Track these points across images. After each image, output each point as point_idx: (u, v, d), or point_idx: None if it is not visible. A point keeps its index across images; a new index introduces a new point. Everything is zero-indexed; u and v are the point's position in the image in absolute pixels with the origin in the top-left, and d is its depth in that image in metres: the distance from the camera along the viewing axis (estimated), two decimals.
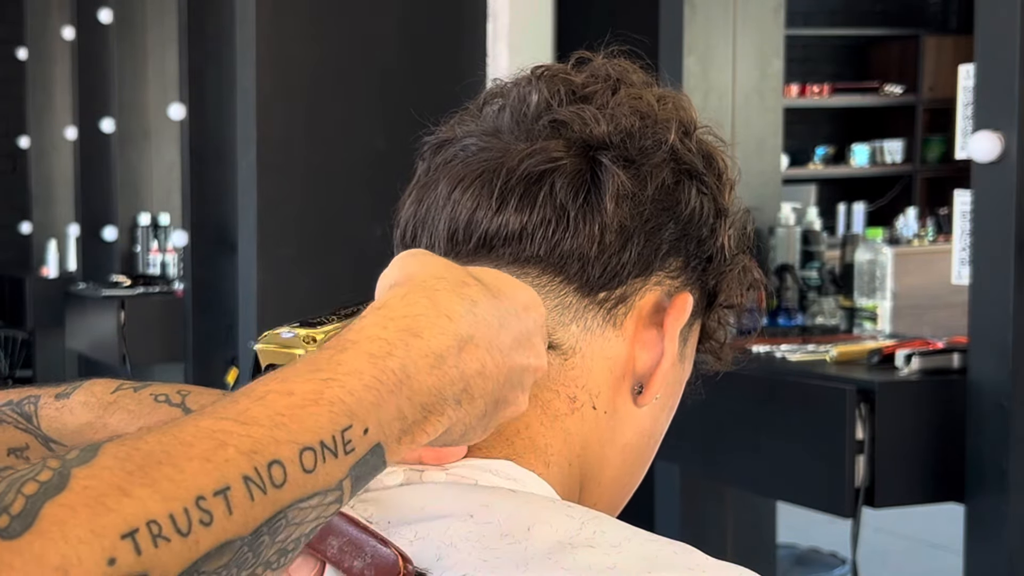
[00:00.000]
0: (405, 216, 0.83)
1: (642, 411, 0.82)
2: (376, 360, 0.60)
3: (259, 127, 2.97)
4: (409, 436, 0.61)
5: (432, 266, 0.68)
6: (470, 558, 0.69)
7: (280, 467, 0.54)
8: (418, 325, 0.63)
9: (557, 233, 0.78)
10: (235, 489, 0.52)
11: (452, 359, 0.63)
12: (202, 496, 0.51)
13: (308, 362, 0.59)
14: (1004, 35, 2.12)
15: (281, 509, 0.54)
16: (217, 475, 0.52)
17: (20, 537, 0.47)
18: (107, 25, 5.19)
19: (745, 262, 0.86)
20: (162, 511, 0.50)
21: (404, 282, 0.66)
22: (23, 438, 0.88)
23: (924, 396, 2.30)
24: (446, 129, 0.85)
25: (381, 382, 0.59)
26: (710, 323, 0.86)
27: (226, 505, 0.51)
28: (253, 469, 0.53)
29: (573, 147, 0.79)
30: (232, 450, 0.53)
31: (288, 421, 0.55)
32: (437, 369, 0.62)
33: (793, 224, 3.12)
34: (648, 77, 0.85)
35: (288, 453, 0.54)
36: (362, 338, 0.61)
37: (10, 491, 0.49)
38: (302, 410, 0.56)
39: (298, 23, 3.03)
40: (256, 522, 0.53)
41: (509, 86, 0.84)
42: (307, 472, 0.55)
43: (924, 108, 7.32)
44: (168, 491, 0.50)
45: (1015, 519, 2.11)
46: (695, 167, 0.81)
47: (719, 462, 2.67)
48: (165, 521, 0.49)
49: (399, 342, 0.61)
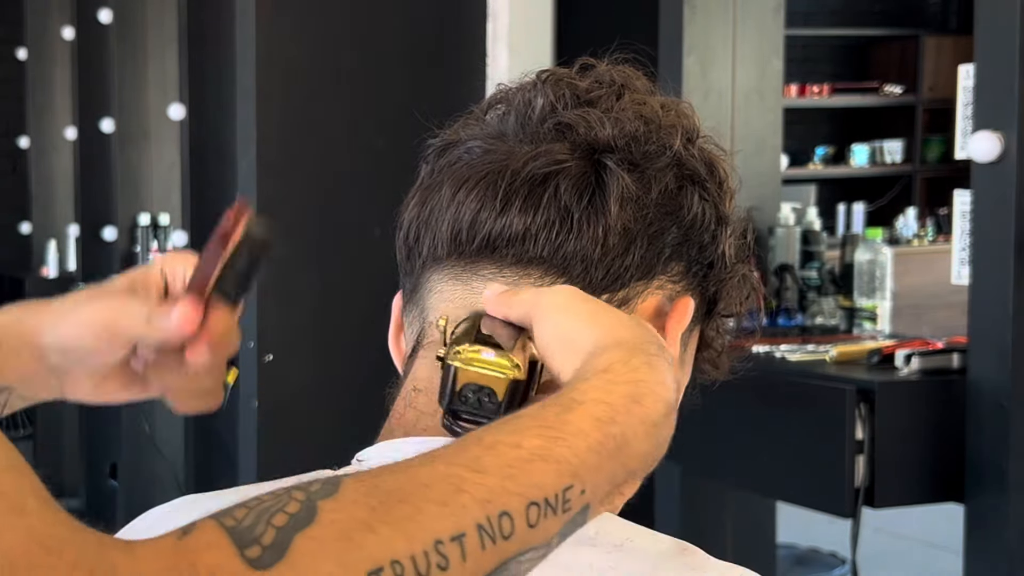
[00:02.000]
0: (408, 218, 0.84)
1: None
2: (601, 424, 0.61)
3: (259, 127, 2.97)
4: (610, 499, 0.63)
5: (633, 326, 0.69)
6: None
7: (509, 519, 0.54)
8: (640, 392, 0.63)
9: (561, 235, 0.78)
10: (470, 536, 0.53)
11: (663, 427, 0.64)
12: (440, 540, 0.51)
13: (534, 417, 0.60)
14: (1004, 35, 2.12)
15: (505, 560, 0.54)
16: (454, 520, 0.52)
17: (272, 568, 0.48)
18: (107, 25, 5.18)
19: (744, 271, 0.86)
20: (405, 552, 0.50)
21: (613, 345, 0.66)
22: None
23: (924, 396, 2.30)
24: (450, 133, 0.85)
25: (604, 446, 0.60)
26: (709, 331, 0.86)
27: (461, 552, 0.52)
28: (486, 518, 0.53)
29: (578, 150, 0.80)
30: (468, 497, 0.53)
31: (518, 474, 0.56)
32: (652, 438, 0.63)
33: (793, 224, 3.12)
34: (651, 84, 0.86)
35: (517, 506, 0.55)
36: (588, 400, 0.62)
37: (259, 522, 0.49)
38: (530, 464, 0.57)
39: (298, 23, 3.02)
40: (483, 571, 0.53)
41: (514, 91, 0.85)
42: (531, 527, 0.56)
43: (924, 108, 7.31)
44: (410, 532, 0.51)
45: (1015, 519, 2.11)
46: (698, 173, 0.82)
47: (719, 462, 2.67)
48: (407, 562, 0.50)
49: (623, 408, 0.62)
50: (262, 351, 2.87)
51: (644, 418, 0.63)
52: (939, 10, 7.56)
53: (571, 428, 0.59)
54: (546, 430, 0.59)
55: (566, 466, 0.58)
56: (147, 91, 5.24)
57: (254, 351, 2.86)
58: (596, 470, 0.59)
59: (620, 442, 0.61)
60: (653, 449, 0.64)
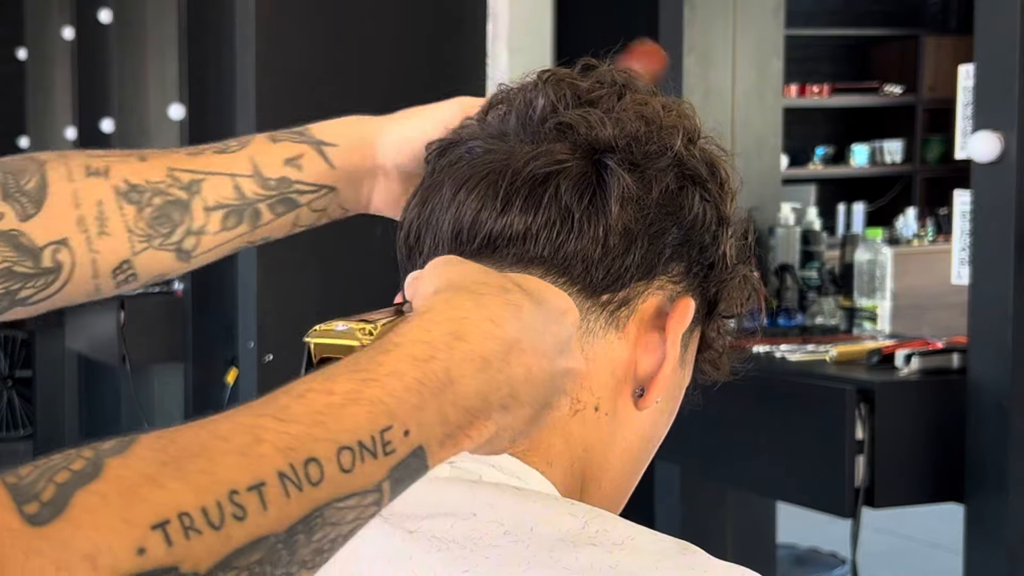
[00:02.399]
0: (409, 217, 0.84)
1: (642, 415, 0.82)
2: (419, 363, 0.60)
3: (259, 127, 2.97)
4: (452, 441, 0.60)
5: (474, 272, 0.68)
6: (472, 555, 0.69)
7: (317, 465, 0.53)
8: (463, 329, 0.62)
9: (561, 235, 0.78)
10: (270, 485, 0.52)
11: (498, 364, 0.63)
12: (235, 490, 0.50)
13: (349, 362, 0.59)
14: (1004, 35, 2.12)
15: (317, 508, 0.53)
16: (252, 470, 0.51)
17: (49, 524, 0.47)
18: (107, 25, 5.18)
19: (745, 272, 0.86)
20: (194, 504, 0.49)
21: (446, 288, 0.66)
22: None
23: (924, 396, 2.30)
24: (451, 133, 0.85)
25: (423, 384, 0.59)
26: (709, 332, 0.86)
27: (260, 501, 0.51)
28: (289, 466, 0.52)
29: (579, 150, 0.79)
30: (268, 446, 0.52)
31: (327, 420, 0.55)
32: (482, 373, 0.62)
33: (793, 224, 3.12)
34: (653, 85, 0.85)
35: (325, 452, 0.54)
36: (405, 341, 0.61)
37: (41, 479, 0.48)
38: (341, 409, 0.56)
39: (298, 23, 3.03)
40: (291, 520, 0.52)
41: (515, 91, 0.85)
42: (345, 472, 0.54)
43: (924, 108, 7.32)
44: (201, 484, 0.50)
45: (1015, 519, 2.11)
46: (699, 174, 0.82)
47: (719, 462, 2.67)
48: (197, 514, 0.49)
49: (443, 345, 0.61)
50: (262, 351, 2.87)
51: (470, 354, 0.61)
52: (939, 10, 7.56)
53: (385, 369, 0.58)
54: (358, 373, 0.58)
55: (380, 407, 0.56)
56: (147, 91, 5.24)
57: (254, 351, 2.86)
58: (418, 409, 0.58)
59: (443, 379, 0.60)
60: (488, 388, 0.62)
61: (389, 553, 0.70)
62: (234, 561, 0.50)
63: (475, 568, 0.68)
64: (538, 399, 0.66)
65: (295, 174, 0.94)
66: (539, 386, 0.66)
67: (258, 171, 0.93)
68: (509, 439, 0.66)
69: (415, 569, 0.69)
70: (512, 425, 0.65)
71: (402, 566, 0.69)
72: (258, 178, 0.93)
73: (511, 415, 0.64)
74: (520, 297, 0.66)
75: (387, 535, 0.71)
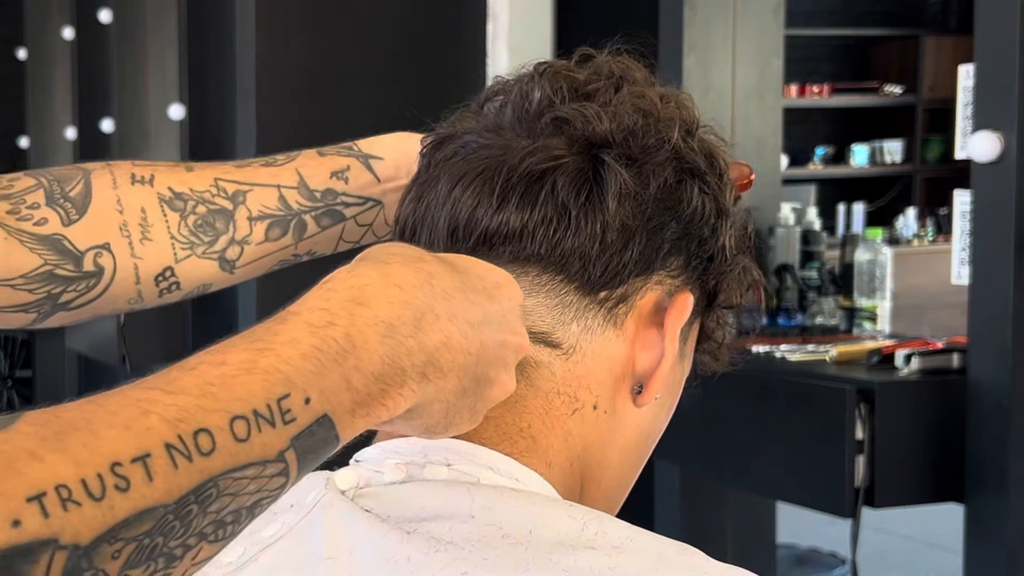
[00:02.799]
0: (405, 213, 0.83)
1: (642, 411, 0.81)
2: (316, 329, 0.58)
3: (259, 127, 2.97)
4: (365, 409, 0.59)
5: (388, 246, 0.67)
6: (471, 556, 0.69)
7: (208, 435, 0.52)
8: (364, 295, 0.61)
9: (558, 232, 0.77)
10: (156, 456, 0.51)
11: (406, 329, 0.61)
12: (118, 462, 0.50)
13: (247, 334, 0.58)
14: (1004, 35, 2.12)
15: (210, 478, 0.52)
16: (137, 442, 0.51)
17: None
18: (107, 25, 5.18)
19: (745, 262, 0.85)
20: (73, 476, 0.49)
21: (355, 261, 0.65)
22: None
23: (924, 396, 2.30)
24: (447, 125, 0.85)
25: (321, 351, 0.58)
26: (709, 323, 0.86)
27: (145, 472, 0.50)
28: (177, 437, 0.52)
29: (575, 145, 0.79)
30: (155, 418, 0.52)
31: (218, 390, 0.54)
32: (388, 338, 0.60)
33: (793, 224, 3.12)
34: (651, 75, 0.85)
35: (217, 421, 0.53)
36: (303, 309, 0.60)
37: None
38: (234, 379, 0.55)
39: (298, 23, 3.03)
40: (181, 490, 0.51)
41: (511, 83, 0.84)
42: (239, 441, 0.53)
43: (924, 108, 7.32)
44: (81, 456, 0.49)
45: (1015, 519, 2.11)
46: (697, 166, 0.81)
47: (719, 462, 2.67)
48: (76, 486, 0.48)
49: (342, 312, 0.60)
50: None
51: (372, 319, 0.60)
52: (939, 10, 7.56)
53: (281, 338, 0.57)
54: (254, 343, 0.57)
55: (277, 375, 0.55)
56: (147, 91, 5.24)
57: None
58: (318, 376, 0.57)
59: (344, 345, 0.58)
60: (397, 353, 0.60)
61: (386, 554, 0.70)
62: (119, 532, 0.49)
63: (474, 570, 0.68)
64: (466, 369, 0.65)
65: (341, 186, 0.95)
66: (464, 355, 0.64)
67: (303, 182, 0.94)
68: (442, 412, 0.65)
69: (413, 571, 0.69)
70: (440, 396, 0.64)
71: (400, 568, 0.69)
72: (303, 189, 0.94)
73: (433, 385, 0.63)
74: (435, 266, 0.65)
75: (384, 535, 0.71)
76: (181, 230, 0.91)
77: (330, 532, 0.73)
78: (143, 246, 0.90)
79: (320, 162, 0.95)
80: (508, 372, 0.69)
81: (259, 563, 0.75)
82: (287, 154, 0.96)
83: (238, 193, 0.93)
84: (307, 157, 0.95)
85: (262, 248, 0.94)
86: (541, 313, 0.78)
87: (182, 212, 0.91)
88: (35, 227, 0.88)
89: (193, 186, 0.92)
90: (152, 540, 0.51)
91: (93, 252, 0.89)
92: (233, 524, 0.55)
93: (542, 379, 0.78)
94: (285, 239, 0.94)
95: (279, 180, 0.94)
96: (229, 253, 0.93)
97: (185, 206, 0.91)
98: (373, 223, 0.97)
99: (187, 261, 0.92)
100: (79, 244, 0.88)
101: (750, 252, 0.87)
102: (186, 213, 0.91)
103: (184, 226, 0.91)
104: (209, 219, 0.92)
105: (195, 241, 0.91)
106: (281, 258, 0.96)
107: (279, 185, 0.93)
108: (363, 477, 0.76)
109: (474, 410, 0.68)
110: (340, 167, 0.95)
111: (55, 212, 0.88)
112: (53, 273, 0.88)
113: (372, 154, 0.96)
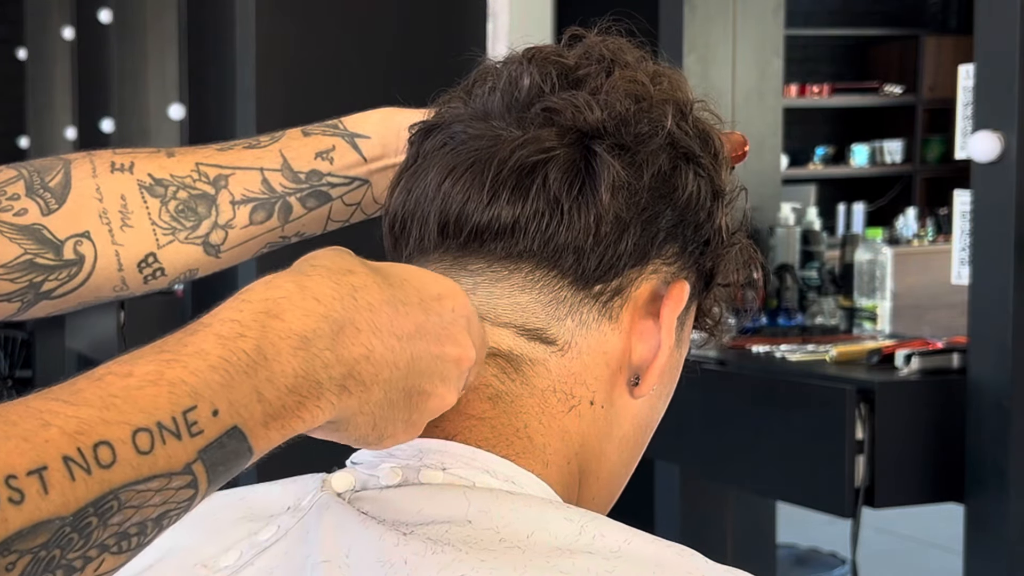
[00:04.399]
0: (394, 207, 0.81)
1: (639, 402, 0.80)
2: (225, 341, 0.58)
3: (259, 127, 2.97)
4: (280, 422, 0.58)
5: (318, 255, 0.65)
6: (469, 557, 0.68)
7: (108, 448, 0.52)
8: (279, 308, 0.60)
9: (551, 226, 0.75)
10: (53, 469, 0.50)
11: (323, 342, 0.60)
12: (13, 475, 0.49)
13: (157, 344, 0.58)
14: (1004, 35, 2.11)
15: (111, 490, 0.52)
16: (33, 455, 0.50)
17: None
18: (107, 25, 5.18)
19: (742, 241, 0.83)
20: None
21: (277, 273, 0.64)
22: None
23: (924, 396, 2.30)
24: (435, 113, 0.83)
25: (230, 363, 0.57)
26: (706, 302, 0.84)
27: (41, 484, 0.50)
28: (76, 449, 0.51)
29: (566, 136, 0.77)
30: (55, 430, 0.51)
31: (121, 403, 0.53)
32: (303, 351, 0.60)
33: (793, 224, 3.12)
34: (643, 52, 0.82)
35: (118, 434, 0.52)
36: (215, 321, 0.59)
37: None
38: (139, 391, 0.54)
39: (298, 23, 3.03)
40: (79, 503, 0.51)
41: (499, 67, 0.81)
42: (142, 453, 0.53)
43: (924, 108, 7.32)
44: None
45: (1015, 519, 2.11)
46: (692, 150, 0.79)
47: (719, 462, 2.66)
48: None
49: (254, 324, 0.59)
50: None
51: (285, 332, 0.59)
52: (939, 10, 7.56)
53: (189, 349, 0.56)
54: (161, 354, 0.56)
55: (183, 387, 0.55)
56: (147, 91, 5.24)
57: None
58: (227, 388, 0.56)
59: (255, 357, 0.58)
60: (312, 366, 0.60)
61: (383, 557, 0.69)
62: (13, 544, 0.49)
63: (472, 572, 0.67)
64: (392, 383, 0.64)
65: (326, 167, 0.94)
66: (389, 368, 0.63)
67: (287, 164, 0.93)
68: (369, 425, 0.64)
69: (410, 574, 0.68)
70: (364, 410, 0.63)
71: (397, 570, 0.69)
72: (287, 171, 0.93)
73: (356, 398, 0.62)
74: (362, 279, 0.64)
75: (380, 538, 0.70)
76: (162, 216, 0.91)
77: (326, 535, 0.72)
78: (123, 233, 0.90)
79: (304, 142, 0.94)
80: (446, 385, 0.68)
81: (256, 567, 0.74)
82: (271, 135, 0.95)
83: (220, 177, 0.92)
84: (291, 138, 0.95)
85: (247, 232, 0.93)
86: (535, 310, 0.77)
87: (163, 198, 0.91)
88: (15, 217, 0.88)
89: (174, 172, 0.91)
90: (49, 552, 0.50)
91: (73, 240, 0.89)
92: (139, 536, 0.54)
93: (538, 377, 0.77)
94: (270, 222, 0.94)
95: (262, 163, 0.93)
96: (213, 238, 0.92)
97: (166, 192, 0.91)
98: (361, 202, 0.96)
99: (170, 247, 0.91)
100: (58, 233, 0.89)
101: (745, 230, 0.85)
102: (167, 199, 0.91)
103: (165, 212, 0.91)
104: (191, 204, 0.91)
105: (177, 227, 0.91)
106: (268, 240, 0.95)
107: (262, 168, 0.93)
108: (359, 480, 0.75)
109: (410, 422, 0.67)
110: (325, 147, 0.94)
111: (34, 202, 0.89)
112: (33, 262, 0.88)
113: (358, 132, 0.95)
